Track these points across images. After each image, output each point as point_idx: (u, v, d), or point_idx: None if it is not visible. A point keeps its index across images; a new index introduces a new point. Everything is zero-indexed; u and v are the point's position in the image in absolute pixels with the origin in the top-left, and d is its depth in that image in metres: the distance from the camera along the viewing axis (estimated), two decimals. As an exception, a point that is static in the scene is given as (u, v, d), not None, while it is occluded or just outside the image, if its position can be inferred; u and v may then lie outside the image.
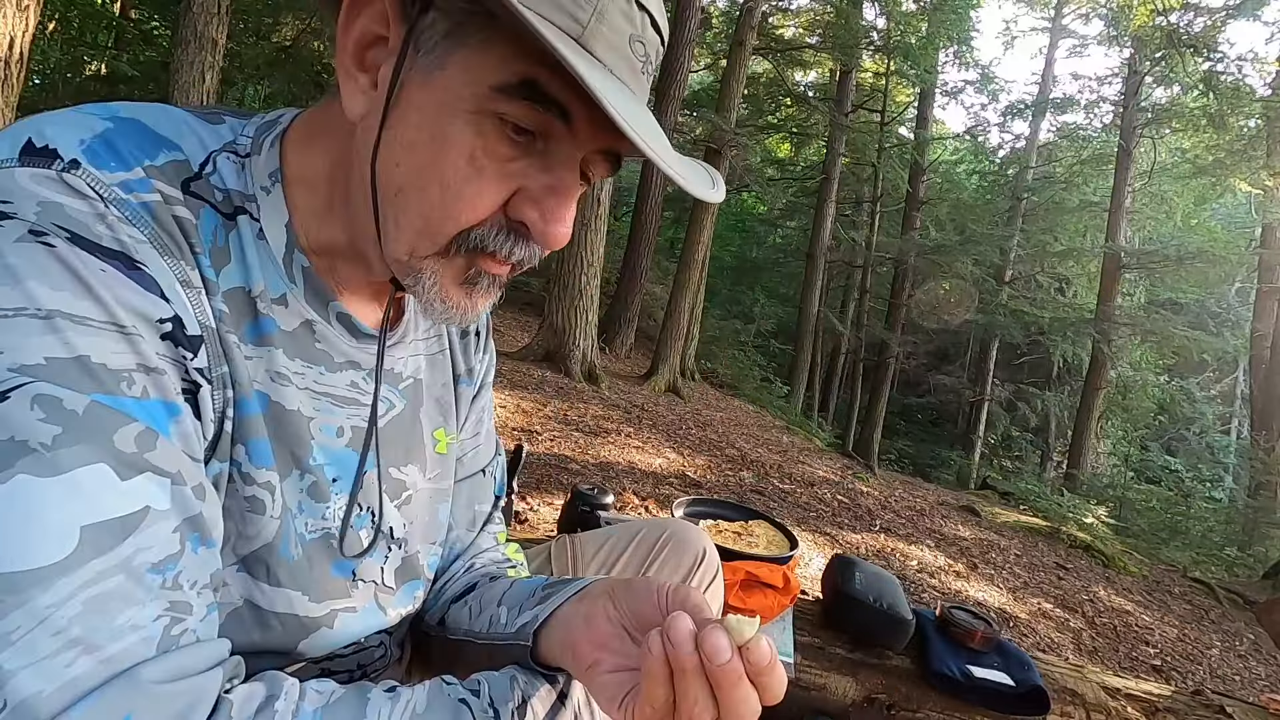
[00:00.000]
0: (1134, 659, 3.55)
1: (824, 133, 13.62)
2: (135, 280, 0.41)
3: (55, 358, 0.37)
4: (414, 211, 0.45)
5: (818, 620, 1.53)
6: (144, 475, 0.39)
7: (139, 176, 0.44)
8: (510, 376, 5.80)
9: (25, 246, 0.38)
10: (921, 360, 16.12)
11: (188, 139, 0.48)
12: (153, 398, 0.40)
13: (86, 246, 0.40)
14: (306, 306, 0.52)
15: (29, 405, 0.36)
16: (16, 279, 0.38)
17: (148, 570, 0.38)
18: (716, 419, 7.13)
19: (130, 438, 0.39)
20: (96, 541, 0.36)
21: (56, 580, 0.35)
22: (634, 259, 9.54)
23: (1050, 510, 7.26)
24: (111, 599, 0.36)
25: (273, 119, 0.52)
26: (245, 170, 0.50)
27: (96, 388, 0.38)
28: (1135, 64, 12.00)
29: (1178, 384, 16.15)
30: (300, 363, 0.52)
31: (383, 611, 0.60)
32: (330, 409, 0.54)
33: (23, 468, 0.35)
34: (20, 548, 0.34)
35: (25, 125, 0.43)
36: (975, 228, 13.25)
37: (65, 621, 0.35)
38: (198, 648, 0.40)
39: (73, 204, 0.40)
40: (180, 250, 0.45)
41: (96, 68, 9.84)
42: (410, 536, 0.62)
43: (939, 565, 4.22)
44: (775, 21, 13.82)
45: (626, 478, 4.07)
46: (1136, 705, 1.50)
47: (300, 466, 0.52)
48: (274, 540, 0.51)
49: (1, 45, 2.24)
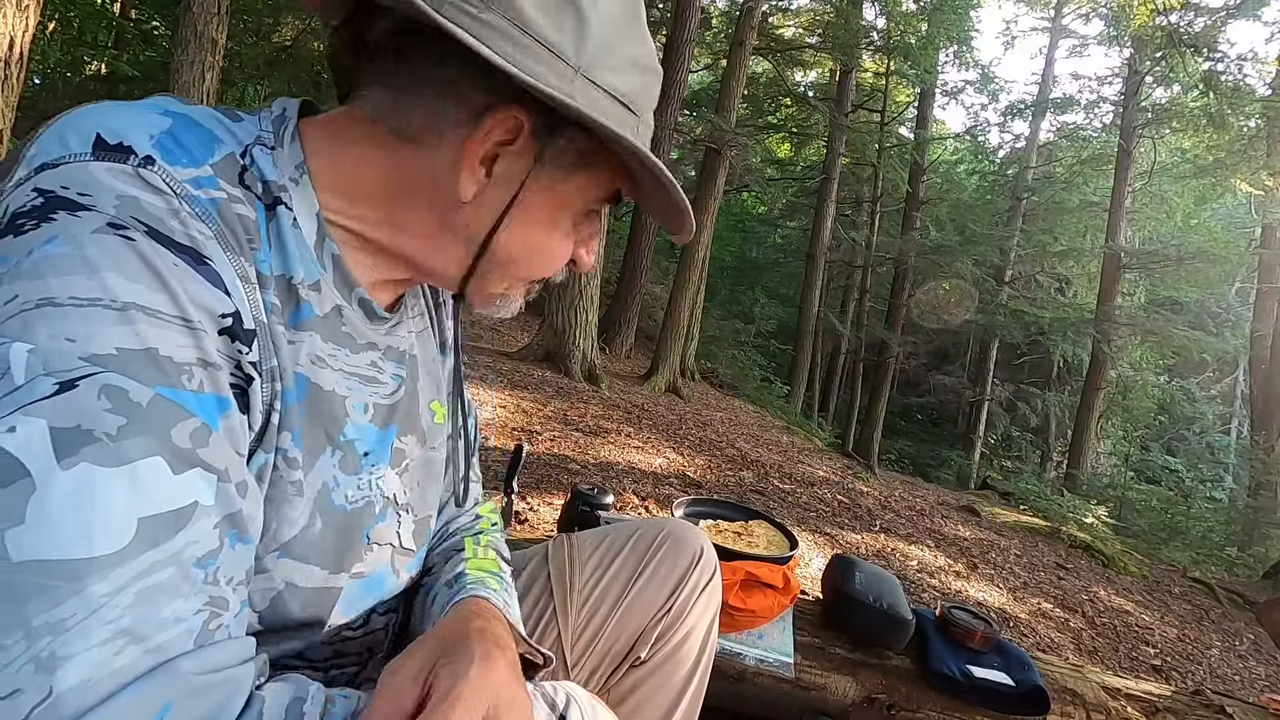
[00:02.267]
0: (1134, 659, 3.55)
1: (824, 133, 13.62)
2: (203, 275, 0.43)
3: (126, 348, 0.38)
4: (524, 271, 0.59)
5: (818, 620, 1.53)
6: (195, 470, 0.40)
7: (207, 174, 0.46)
8: (510, 376, 5.80)
9: (104, 238, 0.40)
10: (921, 360, 16.12)
11: (225, 134, 0.50)
12: (208, 392, 0.42)
13: (162, 241, 0.41)
14: (335, 292, 0.55)
15: (97, 395, 0.37)
16: (94, 269, 0.39)
17: (194, 564, 0.39)
18: (716, 419, 7.13)
19: (186, 433, 0.40)
20: (152, 534, 0.37)
21: (113, 570, 0.35)
22: (634, 259, 9.55)
23: (1050, 510, 7.27)
24: (161, 591, 0.37)
25: (280, 113, 0.54)
26: (275, 162, 0.51)
27: (161, 380, 0.39)
28: (1135, 64, 12.00)
29: (1178, 384, 16.16)
30: (332, 345, 0.55)
31: (395, 574, 0.63)
32: (359, 388, 0.58)
33: (87, 456, 0.36)
34: (81, 535, 0.35)
35: (87, 118, 0.44)
36: (975, 228, 13.26)
37: (118, 611, 0.35)
38: (231, 644, 0.41)
39: (149, 199, 0.42)
40: (240, 246, 0.47)
41: (96, 68, 9.84)
42: (414, 503, 0.65)
43: (939, 565, 4.22)
44: (775, 21, 13.82)
45: (626, 478, 4.07)
46: (1136, 705, 1.50)
47: (333, 443, 0.55)
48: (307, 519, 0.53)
49: (1, 45, 2.24)
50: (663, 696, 0.80)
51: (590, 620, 0.80)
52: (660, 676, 0.80)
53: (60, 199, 0.40)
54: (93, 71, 9.99)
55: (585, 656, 0.80)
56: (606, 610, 0.81)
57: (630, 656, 0.80)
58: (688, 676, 0.81)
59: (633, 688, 0.80)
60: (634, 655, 0.80)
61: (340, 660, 0.61)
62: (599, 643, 0.80)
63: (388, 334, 0.61)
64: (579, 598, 0.81)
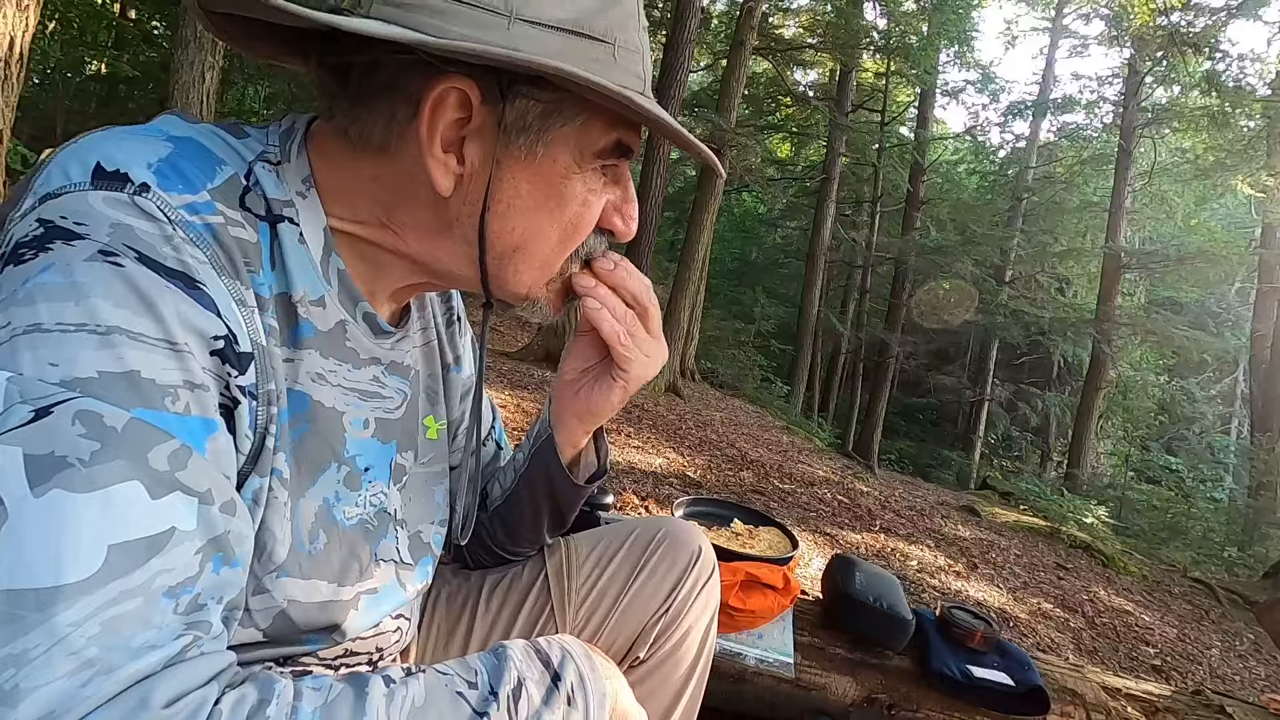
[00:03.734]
0: (1134, 659, 3.55)
1: (824, 133, 13.62)
2: (195, 299, 0.43)
3: (107, 372, 0.38)
4: (535, 259, 0.54)
5: (818, 620, 1.53)
6: (174, 494, 0.39)
7: (204, 199, 0.46)
8: (510, 376, 5.80)
9: (94, 266, 0.40)
10: (921, 360, 16.10)
11: (230, 154, 0.50)
12: (194, 414, 0.42)
13: (152, 266, 0.41)
14: (340, 307, 0.55)
15: (70, 420, 0.37)
16: (82, 295, 0.39)
17: (165, 593, 0.38)
18: (716, 419, 7.13)
19: (164, 456, 0.39)
20: (122, 561, 0.37)
21: (80, 599, 0.35)
22: (634, 259, 9.48)
23: (1050, 510, 7.28)
24: (130, 620, 0.37)
25: (288, 126, 0.54)
26: (281, 178, 0.52)
27: (140, 402, 0.39)
28: (1136, 64, 11.99)
29: (1178, 384, 16.15)
30: (334, 360, 0.55)
31: (403, 588, 0.63)
32: (358, 403, 0.57)
33: (59, 483, 0.36)
34: (49, 563, 0.35)
35: (90, 147, 0.45)
36: (975, 228, 13.26)
37: (84, 641, 0.35)
38: (199, 661, 0.40)
39: (142, 226, 0.42)
40: (237, 270, 0.47)
41: (96, 68, 9.85)
42: (409, 518, 0.65)
43: (939, 565, 4.22)
44: (775, 21, 13.81)
45: (626, 478, 4.07)
46: (1136, 705, 1.50)
47: (337, 459, 0.55)
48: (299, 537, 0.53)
49: (1, 45, 2.24)
50: (662, 695, 0.80)
51: (589, 620, 0.80)
52: (659, 675, 0.80)
53: (58, 228, 0.41)
54: (93, 71, 9.99)
55: (585, 656, 0.80)
56: (605, 610, 0.81)
57: (629, 656, 0.80)
58: (687, 675, 0.81)
59: (632, 686, 0.79)
60: (633, 655, 0.80)
61: (350, 659, 0.61)
62: (598, 642, 0.80)
63: (392, 348, 0.61)
64: (577, 597, 0.81)
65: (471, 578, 0.84)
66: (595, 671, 0.54)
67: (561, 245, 0.55)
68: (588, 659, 0.55)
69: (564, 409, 0.71)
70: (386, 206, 0.53)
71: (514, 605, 0.81)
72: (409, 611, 0.67)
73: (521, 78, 0.48)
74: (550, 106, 0.49)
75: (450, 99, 0.48)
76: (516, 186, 0.51)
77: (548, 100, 0.49)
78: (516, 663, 0.51)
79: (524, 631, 0.79)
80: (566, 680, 0.52)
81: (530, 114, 0.49)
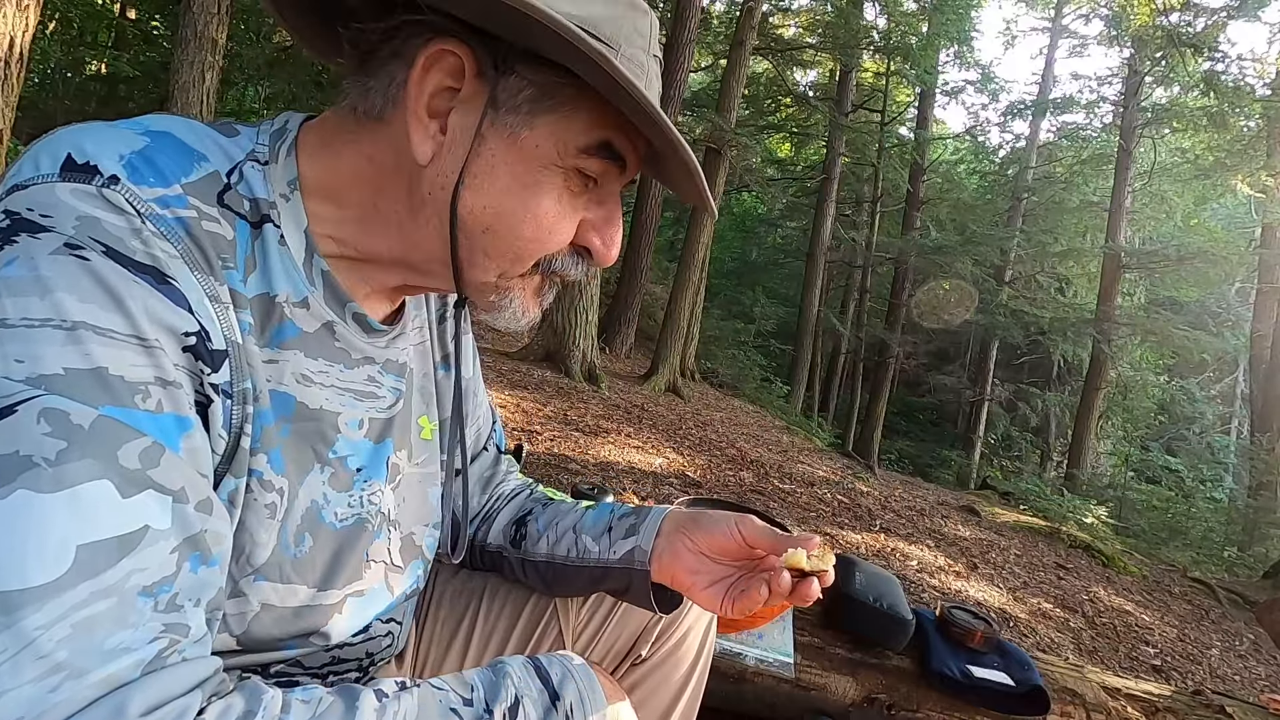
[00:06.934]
0: (1134, 659, 3.55)
1: (824, 133, 13.64)
2: (164, 294, 0.42)
3: (73, 368, 0.37)
4: (506, 244, 0.52)
5: (818, 620, 1.53)
6: (146, 492, 0.38)
7: (176, 193, 0.45)
8: (510, 376, 5.80)
9: (59, 259, 0.39)
10: (921, 360, 16.11)
11: (214, 151, 0.49)
12: (166, 411, 0.41)
13: (120, 260, 0.40)
14: (326, 308, 0.54)
15: (35, 419, 0.36)
16: (47, 290, 0.38)
17: (140, 593, 0.37)
18: (716, 419, 7.13)
19: (135, 453, 0.38)
20: (91, 562, 0.36)
21: (47, 601, 0.34)
22: (634, 259, 9.54)
23: (1050, 510, 7.27)
24: (102, 622, 0.36)
25: (280, 126, 0.54)
26: (267, 178, 0.51)
27: (109, 400, 0.38)
28: (1135, 64, 12.00)
29: (1178, 384, 16.15)
30: (322, 362, 0.54)
31: (390, 591, 0.62)
32: (353, 403, 0.57)
33: (23, 483, 0.35)
34: (14, 566, 0.34)
35: (63, 139, 0.44)
36: (975, 228, 13.27)
37: (53, 645, 0.34)
38: (182, 668, 0.39)
39: (110, 219, 0.41)
40: (211, 266, 0.46)
41: (96, 68, 9.85)
42: (401, 519, 0.64)
43: (939, 565, 4.22)
44: (775, 21, 13.82)
45: (626, 477, 4.07)
46: (1136, 705, 1.51)
47: (322, 460, 0.54)
48: (285, 539, 0.52)
49: (1, 45, 2.24)
50: (663, 693, 0.80)
51: (591, 618, 0.80)
52: (660, 674, 0.80)
53: (24, 220, 0.40)
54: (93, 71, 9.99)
55: (586, 655, 0.80)
56: (607, 608, 0.81)
57: (631, 655, 0.80)
58: (687, 674, 0.82)
59: (633, 686, 0.80)
60: (635, 653, 0.80)
61: (339, 667, 0.60)
62: (599, 641, 0.80)
63: (386, 347, 0.60)
64: (580, 598, 0.81)
65: (475, 577, 0.84)
66: (596, 692, 0.53)
67: (532, 242, 0.52)
68: (588, 678, 0.54)
69: (680, 567, 0.69)
70: (372, 189, 0.53)
71: (517, 606, 0.81)
72: (400, 616, 0.66)
73: (519, 55, 0.47)
74: (543, 90, 0.48)
75: (444, 62, 0.48)
76: (494, 165, 0.50)
77: (542, 83, 0.48)
78: (514, 679, 0.51)
79: (526, 631, 0.79)
80: (565, 700, 0.51)
81: (522, 94, 0.48)
